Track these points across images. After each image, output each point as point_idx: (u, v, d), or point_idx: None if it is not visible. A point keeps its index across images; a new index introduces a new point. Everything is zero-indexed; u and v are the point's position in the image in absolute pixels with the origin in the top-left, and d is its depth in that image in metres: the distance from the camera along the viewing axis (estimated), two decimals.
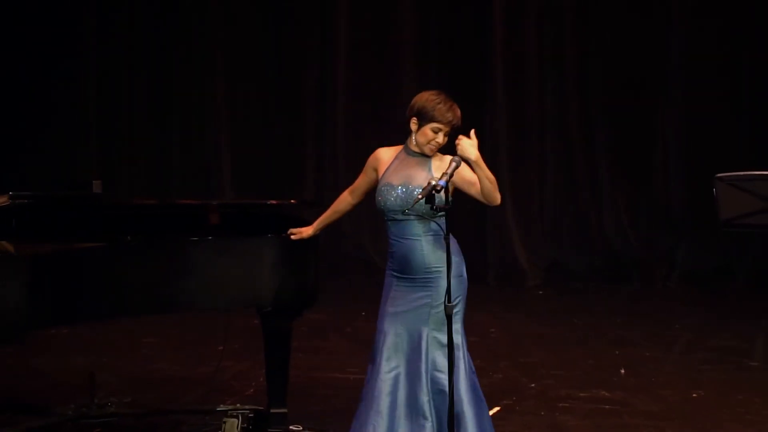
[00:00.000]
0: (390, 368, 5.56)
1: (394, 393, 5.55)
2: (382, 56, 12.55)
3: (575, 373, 8.28)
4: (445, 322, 5.33)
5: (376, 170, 5.73)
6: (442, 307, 5.41)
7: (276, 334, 6.68)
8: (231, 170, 12.69)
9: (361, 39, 12.53)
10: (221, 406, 6.83)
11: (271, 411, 6.68)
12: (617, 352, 8.98)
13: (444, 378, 5.40)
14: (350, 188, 5.95)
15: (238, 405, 6.84)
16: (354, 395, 7.60)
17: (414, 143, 5.62)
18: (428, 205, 5.28)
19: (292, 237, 6.22)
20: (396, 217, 5.60)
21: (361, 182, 5.85)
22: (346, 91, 12.55)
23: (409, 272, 5.61)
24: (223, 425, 6.45)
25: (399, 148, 5.70)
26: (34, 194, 6.06)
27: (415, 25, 12.46)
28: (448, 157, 5.61)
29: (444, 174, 5.30)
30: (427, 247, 5.56)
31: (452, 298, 5.34)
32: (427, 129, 5.57)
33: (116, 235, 6.29)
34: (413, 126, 5.61)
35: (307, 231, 6.22)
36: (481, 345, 9.03)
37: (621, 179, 12.31)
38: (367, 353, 5.68)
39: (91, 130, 12.81)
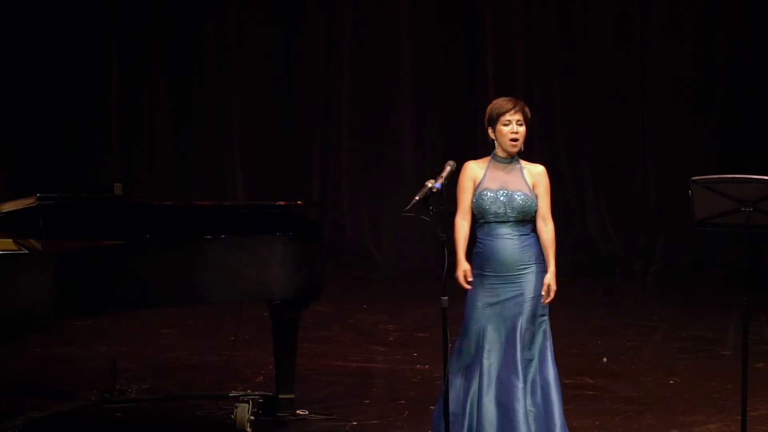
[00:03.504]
0: (490, 363, 5.48)
1: (489, 386, 5.47)
2: (381, 70, 12.53)
3: (560, 361, 8.11)
4: (536, 313, 5.46)
5: (473, 181, 5.56)
6: (536, 300, 5.46)
7: (284, 325, 6.65)
8: (243, 174, 12.66)
9: (362, 53, 12.51)
10: (233, 391, 6.79)
11: (280, 396, 6.66)
12: (599, 342, 8.95)
13: (533, 366, 5.48)
14: (459, 213, 5.59)
15: (249, 391, 6.80)
16: (356, 382, 7.63)
17: (499, 150, 5.55)
18: (424, 206, 5.26)
19: (466, 287, 5.57)
20: (496, 219, 5.48)
21: (467, 200, 5.57)
22: (349, 101, 12.52)
23: (501, 270, 5.49)
24: (235, 410, 6.42)
25: (486, 159, 5.59)
26: (60, 196, 6.03)
27: (412, 42, 12.43)
28: (539, 166, 5.61)
29: (440, 177, 5.29)
30: (518, 245, 5.49)
31: (533, 295, 5.45)
32: (500, 126, 5.52)
33: (136, 233, 6.27)
34: (492, 135, 5.55)
35: (465, 268, 5.53)
36: None
37: (603, 183, 12.28)
38: (368, 343, 5.64)
39: (113, 138, 12.79)
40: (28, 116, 12.66)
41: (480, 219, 5.53)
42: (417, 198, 5.27)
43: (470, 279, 5.51)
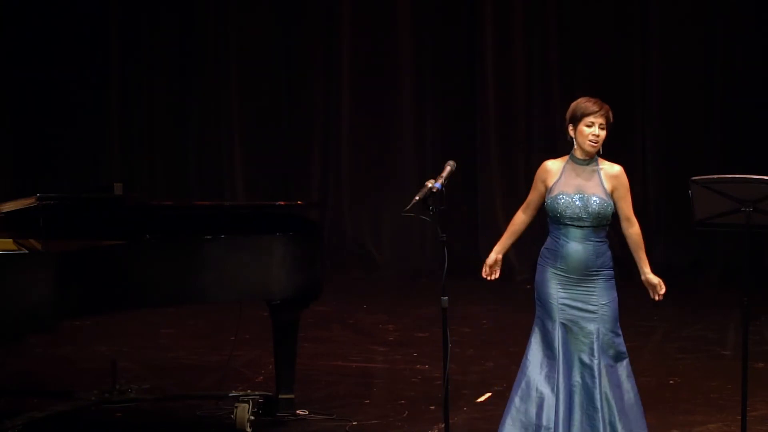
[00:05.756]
0: (567, 364, 5.47)
1: (568, 387, 5.46)
2: (381, 70, 12.52)
3: None
4: (612, 319, 5.44)
5: (545, 182, 5.55)
6: (613, 304, 5.47)
7: (284, 325, 6.65)
8: (243, 174, 12.66)
9: (363, 53, 12.50)
10: (233, 391, 6.79)
11: (280, 396, 6.66)
12: None
13: (615, 370, 5.48)
14: (522, 207, 5.71)
15: (249, 391, 6.80)
16: (356, 382, 7.62)
17: (577, 150, 5.51)
18: (424, 206, 5.26)
19: (490, 278, 5.76)
20: (572, 223, 5.48)
21: (534, 198, 5.63)
22: (349, 101, 12.51)
23: (571, 272, 5.50)
24: (235, 410, 6.42)
25: (565, 158, 5.56)
26: (60, 196, 6.04)
27: (412, 42, 12.42)
28: (616, 167, 5.57)
29: (440, 177, 5.29)
30: (592, 251, 5.49)
31: (607, 300, 5.45)
32: (581, 126, 5.48)
33: (136, 233, 6.27)
34: (572, 133, 5.51)
35: (494, 259, 5.80)
36: (474, 335, 9.00)
37: None
38: (368, 343, 5.63)
39: (113, 138, 12.79)
40: (28, 116, 12.65)
41: (554, 220, 5.53)
42: (417, 198, 5.27)
43: (494, 276, 5.60)
